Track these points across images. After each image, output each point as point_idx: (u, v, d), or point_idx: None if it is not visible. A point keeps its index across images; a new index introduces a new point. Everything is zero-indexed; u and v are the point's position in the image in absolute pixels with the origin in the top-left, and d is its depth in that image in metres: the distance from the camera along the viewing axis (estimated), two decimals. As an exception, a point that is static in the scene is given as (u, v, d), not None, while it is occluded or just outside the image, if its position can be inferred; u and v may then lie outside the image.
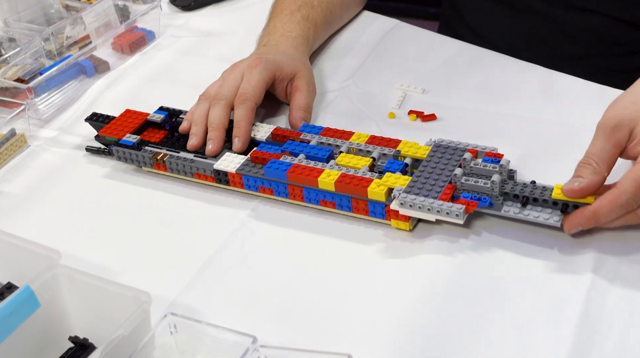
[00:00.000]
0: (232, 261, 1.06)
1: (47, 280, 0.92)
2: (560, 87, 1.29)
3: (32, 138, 1.32)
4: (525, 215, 1.00)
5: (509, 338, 0.92)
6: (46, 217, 1.16)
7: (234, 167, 1.12)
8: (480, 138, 1.12)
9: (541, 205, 1.00)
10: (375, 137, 1.14)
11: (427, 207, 1.01)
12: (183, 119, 1.22)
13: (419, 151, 1.09)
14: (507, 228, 1.04)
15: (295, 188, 1.09)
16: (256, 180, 1.11)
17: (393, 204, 1.03)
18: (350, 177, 1.06)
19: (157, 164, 1.17)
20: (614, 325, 0.92)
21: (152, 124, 1.24)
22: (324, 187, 1.07)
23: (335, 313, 0.97)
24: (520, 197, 1.01)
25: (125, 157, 1.19)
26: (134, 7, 1.52)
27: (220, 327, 0.89)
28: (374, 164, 1.10)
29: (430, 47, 1.44)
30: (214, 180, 1.14)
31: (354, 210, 1.07)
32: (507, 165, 1.04)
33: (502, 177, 1.03)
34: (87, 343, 0.94)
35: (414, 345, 0.92)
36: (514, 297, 0.97)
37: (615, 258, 0.99)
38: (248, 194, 1.13)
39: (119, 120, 1.24)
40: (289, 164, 1.09)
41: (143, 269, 1.06)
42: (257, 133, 1.18)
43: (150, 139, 1.22)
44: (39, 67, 1.42)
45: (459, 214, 0.99)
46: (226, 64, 1.27)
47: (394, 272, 1.01)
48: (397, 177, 1.05)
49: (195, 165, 1.14)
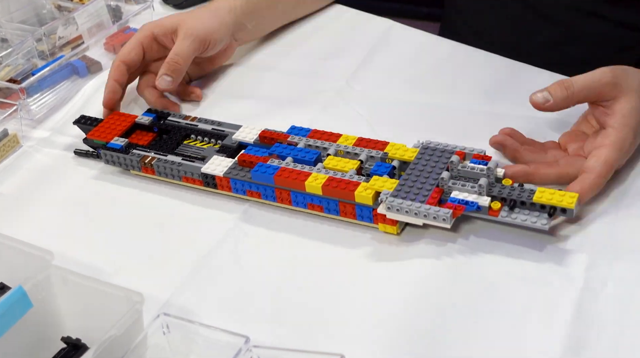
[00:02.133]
0: (224, 262, 1.06)
1: (40, 281, 0.92)
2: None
3: (25, 138, 1.32)
4: (513, 219, 0.99)
5: (501, 339, 0.92)
6: (39, 217, 1.16)
7: (222, 171, 1.12)
8: (473, 139, 1.12)
9: (529, 208, 1.00)
10: (362, 139, 1.13)
11: (414, 211, 1.00)
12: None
13: (406, 153, 1.09)
14: (496, 231, 1.04)
15: (283, 192, 1.08)
16: (244, 183, 1.10)
17: (380, 208, 1.03)
18: (337, 180, 1.05)
19: (145, 167, 1.17)
20: (606, 326, 0.91)
21: (140, 126, 1.24)
22: (312, 191, 1.06)
23: (328, 314, 0.98)
24: (508, 200, 1.00)
25: (114, 160, 1.19)
26: (127, 8, 1.52)
27: (213, 327, 0.89)
28: (361, 166, 1.09)
29: (426, 48, 1.44)
30: (201, 183, 1.14)
31: (341, 214, 1.06)
32: (495, 167, 1.04)
33: (489, 180, 1.03)
34: (79, 343, 0.94)
35: (406, 345, 0.92)
36: (506, 297, 0.96)
37: (607, 259, 0.99)
38: (240, 197, 1.13)
39: (107, 122, 1.24)
40: (276, 167, 1.09)
41: (136, 270, 1.06)
42: (245, 135, 1.18)
43: (139, 141, 1.21)
44: (32, 67, 1.41)
45: (446, 218, 0.99)
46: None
47: (384, 274, 1.01)
48: (384, 180, 1.05)
49: (183, 169, 1.14)
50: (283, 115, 1.27)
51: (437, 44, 1.46)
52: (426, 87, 1.33)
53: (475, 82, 1.33)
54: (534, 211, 0.99)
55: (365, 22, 1.53)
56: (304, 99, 1.34)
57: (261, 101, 1.32)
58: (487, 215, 1.01)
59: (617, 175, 1.08)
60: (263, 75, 1.41)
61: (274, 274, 1.03)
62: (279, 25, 1.50)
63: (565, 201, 0.98)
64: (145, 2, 1.52)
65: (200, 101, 1.35)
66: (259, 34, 1.46)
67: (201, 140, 1.20)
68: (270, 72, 1.42)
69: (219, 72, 1.42)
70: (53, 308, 0.95)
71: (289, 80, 1.39)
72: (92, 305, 0.93)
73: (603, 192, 1.06)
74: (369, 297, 0.99)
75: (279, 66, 1.43)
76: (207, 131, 1.20)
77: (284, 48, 1.47)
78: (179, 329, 0.90)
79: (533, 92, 1.08)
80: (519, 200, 1.00)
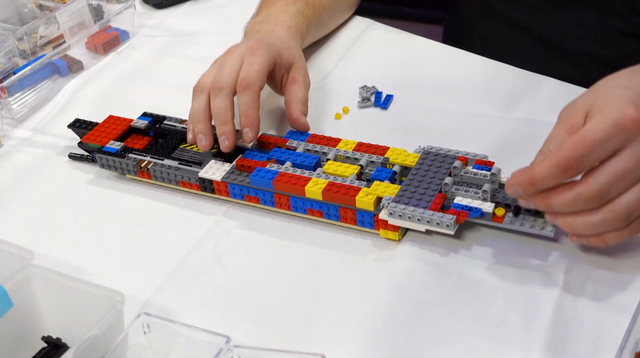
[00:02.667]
0: (205, 261, 1.06)
1: (20, 280, 0.92)
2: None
3: (6, 138, 1.31)
4: (518, 226, 0.99)
5: (482, 339, 0.92)
6: (19, 217, 1.16)
7: (220, 175, 1.10)
8: (473, 143, 1.12)
9: (533, 214, 0.99)
10: (362, 144, 1.12)
11: (417, 217, 1.00)
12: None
13: (407, 158, 1.08)
14: (495, 238, 1.03)
15: (282, 197, 1.07)
16: (242, 188, 1.09)
17: (382, 214, 1.02)
18: (338, 185, 1.04)
19: (141, 171, 1.15)
20: (586, 326, 0.92)
21: (136, 130, 1.22)
22: (312, 196, 1.05)
23: (309, 314, 0.98)
24: (512, 206, 1.00)
25: (109, 164, 1.17)
26: (108, 7, 1.51)
27: (194, 327, 0.89)
28: (361, 171, 1.09)
29: (407, 47, 1.43)
30: (199, 188, 1.12)
31: (341, 220, 1.06)
32: (499, 173, 1.03)
33: (493, 186, 1.02)
34: (60, 343, 0.94)
35: (387, 345, 0.93)
36: (487, 298, 0.97)
37: (587, 259, 0.99)
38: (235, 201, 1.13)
39: (102, 126, 1.22)
40: (275, 172, 1.08)
41: (117, 270, 1.05)
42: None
43: (134, 145, 1.20)
44: (13, 66, 1.40)
45: (449, 225, 0.99)
46: (200, 63, 1.25)
47: (368, 275, 1.01)
48: (385, 185, 1.04)
49: (180, 173, 1.13)
50: (277, 117, 1.27)
51: (419, 44, 1.45)
52: (407, 86, 1.33)
53: (457, 82, 1.33)
54: (539, 218, 0.99)
55: (346, 21, 1.52)
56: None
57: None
58: (491, 221, 1.00)
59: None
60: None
61: (255, 274, 1.03)
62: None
63: None
64: (126, 2, 1.51)
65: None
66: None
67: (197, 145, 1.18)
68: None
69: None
70: (33, 308, 0.94)
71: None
72: (73, 305, 0.93)
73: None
74: (352, 297, 0.99)
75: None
76: (204, 135, 1.18)
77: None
78: (160, 329, 0.91)
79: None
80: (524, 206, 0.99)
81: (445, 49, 1.44)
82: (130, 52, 1.50)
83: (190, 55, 1.47)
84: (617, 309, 0.93)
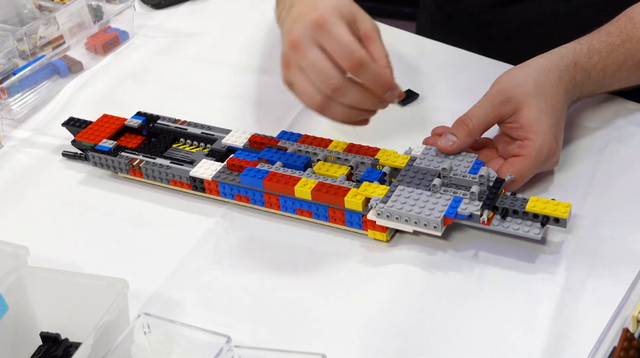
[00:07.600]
0: (206, 261, 1.06)
1: (13, 283, 0.92)
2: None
3: (6, 138, 1.31)
4: (505, 228, 0.99)
5: (483, 338, 0.93)
6: (19, 218, 1.16)
7: (210, 174, 1.11)
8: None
9: (521, 217, 1.00)
10: (353, 145, 1.12)
11: (404, 217, 1.00)
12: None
13: (397, 160, 1.09)
14: (486, 240, 1.04)
15: (272, 197, 1.08)
16: (232, 187, 1.10)
17: (370, 214, 1.02)
18: (327, 186, 1.05)
19: (133, 170, 1.16)
20: (587, 325, 0.92)
21: (130, 129, 1.23)
22: (301, 196, 1.06)
23: (309, 314, 0.98)
24: (500, 208, 1.00)
25: (102, 162, 1.18)
26: (108, 7, 1.51)
27: (194, 327, 0.89)
28: (351, 172, 1.09)
29: (408, 47, 1.43)
30: (190, 187, 1.13)
31: (330, 220, 1.06)
32: (487, 175, 1.03)
33: (481, 188, 1.02)
34: (59, 338, 0.94)
35: (388, 345, 0.93)
36: (487, 297, 0.97)
37: (587, 258, 1.00)
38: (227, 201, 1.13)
39: (96, 125, 1.23)
40: (265, 171, 1.08)
41: (116, 269, 1.04)
42: (234, 139, 1.17)
43: (127, 144, 1.20)
44: (12, 67, 1.40)
45: (437, 226, 0.99)
46: (200, 63, 1.25)
47: (368, 276, 1.02)
48: (374, 186, 1.04)
49: (172, 172, 1.13)
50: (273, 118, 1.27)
51: (419, 43, 1.46)
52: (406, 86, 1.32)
53: (456, 81, 1.34)
54: (527, 220, 0.99)
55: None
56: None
57: (249, 103, 1.32)
58: (479, 223, 1.00)
59: (598, 179, 1.11)
60: (249, 77, 1.40)
61: (256, 274, 1.04)
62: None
63: (559, 211, 0.98)
64: (126, 2, 1.51)
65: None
66: None
67: (190, 144, 1.19)
68: (257, 74, 1.41)
69: (211, 73, 1.41)
70: (29, 308, 0.94)
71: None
72: (71, 299, 0.93)
73: (586, 194, 1.09)
74: (353, 297, 0.99)
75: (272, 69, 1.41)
76: (196, 135, 1.20)
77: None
78: (160, 329, 0.91)
79: (439, 139, 1.08)
80: (511, 208, 1.00)
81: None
82: (130, 53, 1.51)
83: (190, 55, 1.48)
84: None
